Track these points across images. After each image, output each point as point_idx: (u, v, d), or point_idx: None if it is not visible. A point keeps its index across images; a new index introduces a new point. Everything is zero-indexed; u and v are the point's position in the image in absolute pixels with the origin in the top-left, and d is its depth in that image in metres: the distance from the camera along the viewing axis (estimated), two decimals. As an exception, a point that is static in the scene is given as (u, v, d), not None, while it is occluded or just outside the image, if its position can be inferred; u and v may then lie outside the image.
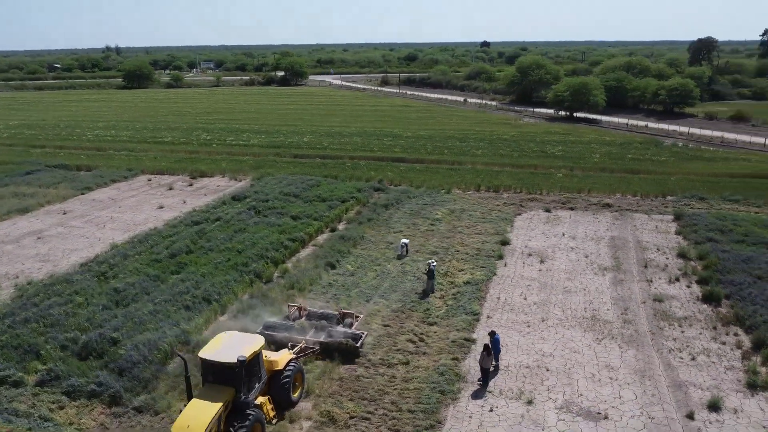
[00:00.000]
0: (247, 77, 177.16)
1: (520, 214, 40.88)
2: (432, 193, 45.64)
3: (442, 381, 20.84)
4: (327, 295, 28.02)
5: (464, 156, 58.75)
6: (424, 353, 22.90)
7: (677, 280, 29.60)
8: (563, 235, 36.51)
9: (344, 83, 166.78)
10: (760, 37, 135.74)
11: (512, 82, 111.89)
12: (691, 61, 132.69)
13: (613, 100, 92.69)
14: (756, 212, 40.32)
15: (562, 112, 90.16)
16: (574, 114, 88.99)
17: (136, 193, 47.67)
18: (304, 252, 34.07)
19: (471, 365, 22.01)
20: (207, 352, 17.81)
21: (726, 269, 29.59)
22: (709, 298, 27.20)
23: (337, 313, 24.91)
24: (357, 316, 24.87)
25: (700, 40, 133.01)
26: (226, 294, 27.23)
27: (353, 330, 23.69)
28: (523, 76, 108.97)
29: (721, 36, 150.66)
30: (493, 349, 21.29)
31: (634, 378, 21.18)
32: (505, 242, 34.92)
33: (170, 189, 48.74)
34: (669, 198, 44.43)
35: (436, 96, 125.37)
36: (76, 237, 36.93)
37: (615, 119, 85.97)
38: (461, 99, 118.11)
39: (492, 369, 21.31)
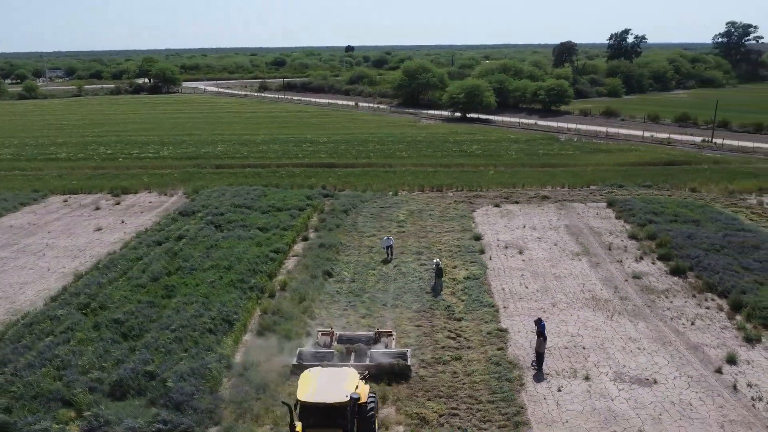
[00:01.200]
0: (112, 86, 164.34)
1: (474, 210, 43.11)
2: (382, 196, 46.47)
3: (501, 370, 21.91)
4: (340, 304, 27.80)
5: (391, 158, 60.19)
6: (469, 347, 23.79)
7: (641, 258, 33.34)
8: (524, 227, 39.24)
9: (221, 90, 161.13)
10: (608, 41, 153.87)
11: (400, 86, 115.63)
12: (555, 63, 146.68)
13: (497, 100, 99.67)
14: (669, 195, 46.23)
15: (457, 113, 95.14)
16: (467, 114, 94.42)
17: (58, 215, 43.04)
18: (290, 263, 33.32)
19: (515, 353, 23.32)
20: (307, 395, 16.41)
21: (678, 245, 33.87)
22: (677, 271, 31.04)
23: (372, 334, 23.71)
24: (390, 334, 23.85)
25: (562, 44, 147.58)
26: (242, 312, 26.03)
27: (396, 349, 22.82)
28: (411, 79, 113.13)
29: (577, 39, 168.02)
30: (538, 329, 22.93)
31: (656, 346, 23.79)
32: (477, 237, 36.79)
33: (97, 209, 44.64)
34: (592, 187, 49.32)
35: (325, 101, 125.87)
36: (17, 269, 32.74)
37: (505, 118, 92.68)
38: (352, 103, 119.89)
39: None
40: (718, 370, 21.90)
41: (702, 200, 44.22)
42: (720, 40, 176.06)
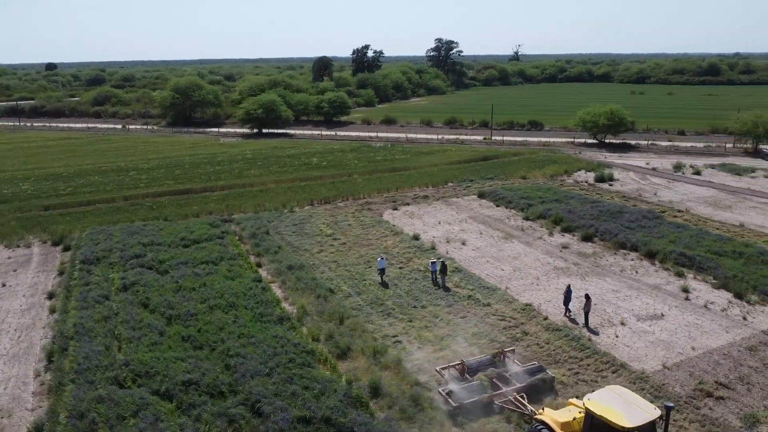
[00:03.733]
0: None
1: (381, 215, 45.96)
2: (280, 214, 45.85)
3: (565, 333, 26.12)
4: (377, 316, 28.41)
5: (243, 178, 58.52)
6: (522, 323, 27.36)
7: (552, 234, 40.83)
8: (439, 223, 43.70)
9: None
10: (351, 56, 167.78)
11: (173, 104, 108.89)
12: (315, 77, 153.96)
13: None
14: (513, 183, 55.76)
15: (255, 129, 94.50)
16: (263, 130, 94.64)
17: None
18: (276, 290, 31.84)
19: (557, 319, 27.74)
20: (626, 420, 15.42)
21: (569, 219, 42.30)
22: (587, 238, 39.14)
23: (491, 357, 23.43)
24: (504, 352, 23.64)
25: (320, 59, 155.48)
26: (305, 343, 24.96)
27: (527, 365, 22.88)
28: (184, 97, 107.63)
29: (324, 53, 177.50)
30: (565, 297, 27.88)
31: (634, 292, 30.72)
32: (416, 237, 39.96)
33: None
34: (450, 184, 56.34)
35: (82, 125, 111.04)
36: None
37: (304, 131, 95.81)
38: (119, 126, 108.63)
39: (569, 314, 27.83)
40: (687, 298, 29.74)
41: (540, 184, 54.68)
42: (432, 54, 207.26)
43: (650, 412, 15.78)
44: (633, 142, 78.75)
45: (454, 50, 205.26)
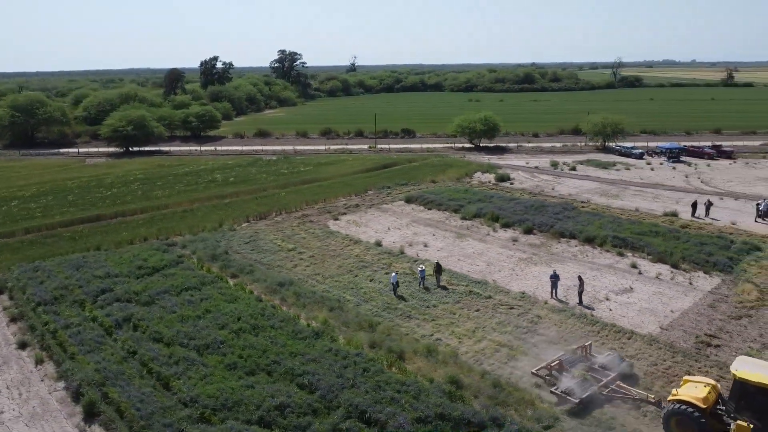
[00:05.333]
0: None
1: (327, 226, 46.40)
2: (223, 234, 44.05)
3: (567, 312, 29.72)
4: (399, 319, 29.53)
5: (156, 200, 54.63)
6: (530, 309, 30.40)
7: (496, 230, 44.77)
8: (389, 228, 45.46)
9: None
10: (199, 67, 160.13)
11: (12, 123, 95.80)
12: (167, 90, 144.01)
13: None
14: (428, 187, 59.28)
15: (122, 148, 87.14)
16: (130, 148, 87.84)
17: None
18: (281, 309, 31.26)
19: (554, 302, 31.32)
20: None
21: (504, 216, 46.61)
22: (529, 231, 43.66)
23: (576, 351, 24.84)
24: (586, 346, 25.19)
25: (172, 71, 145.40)
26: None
27: (607, 355, 24.58)
28: (27, 116, 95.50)
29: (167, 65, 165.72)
30: (552, 281, 31.70)
31: (596, 272, 35.51)
32: (379, 243, 41.36)
33: None
34: (370, 192, 58.22)
35: None
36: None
37: (175, 147, 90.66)
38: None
39: (556, 297, 31.66)
40: (639, 273, 35.23)
41: (453, 187, 58.88)
42: (276, 65, 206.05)
43: None
44: (504, 145, 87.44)
45: (298, 61, 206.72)
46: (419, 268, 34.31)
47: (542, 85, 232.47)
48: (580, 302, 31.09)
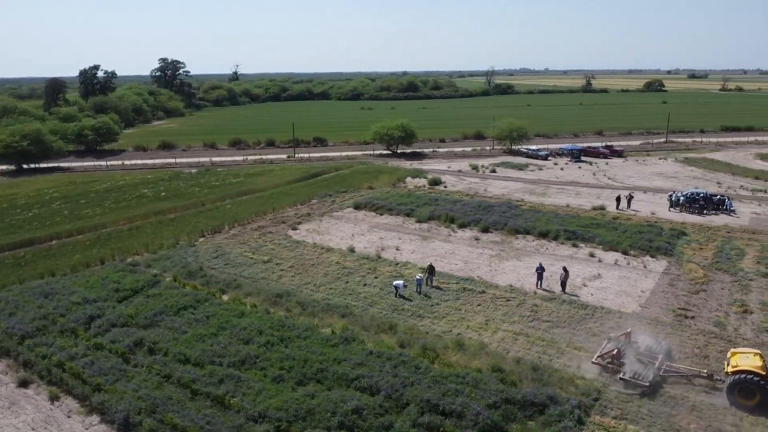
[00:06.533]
0: None
1: (290, 236, 46.15)
2: (185, 251, 42.32)
3: (556, 300, 32.73)
4: (425, 319, 30.71)
5: (90, 219, 50.75)
6: (524, 300, 32.97)
7: (454, 230, 47.24)
8: (353, 236, 46.22)
9: None
10: (78, 77, 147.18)
11: None
12: (48, 102, 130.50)
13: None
14: (367, 193, 60.59)
15: (13, 165, 78.97)
16: (23, 165, 79.98)
17: None
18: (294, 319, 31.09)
19: (542, 291, 34.19)
20: None
21: (458, 217, 49.25)
22: (485, 230, 46.61)
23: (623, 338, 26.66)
24: (629, 332, 27.06)
25: (53, 81, 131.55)
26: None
27: (647, 338, 26.98)
28: None
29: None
30: (538, 273, 34.67)
31: (565, 262, 39.03)
32: (352, 250, 42.11)
33: None
34: (314, 201, 58.39)
35: None
36: None
37: (77, 164, 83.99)
38: None
39: (539, 288, 34.66)
40: (599, 260, 39.32)
41: (392, 192, 60.72)
42: (157, 74, 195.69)
43: None
44: (419, 150, 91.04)
45: (181, 70, 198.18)
46: (417, 276, 35.24)
47: (426, 93, 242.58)
48: (564, 290, 34.23)
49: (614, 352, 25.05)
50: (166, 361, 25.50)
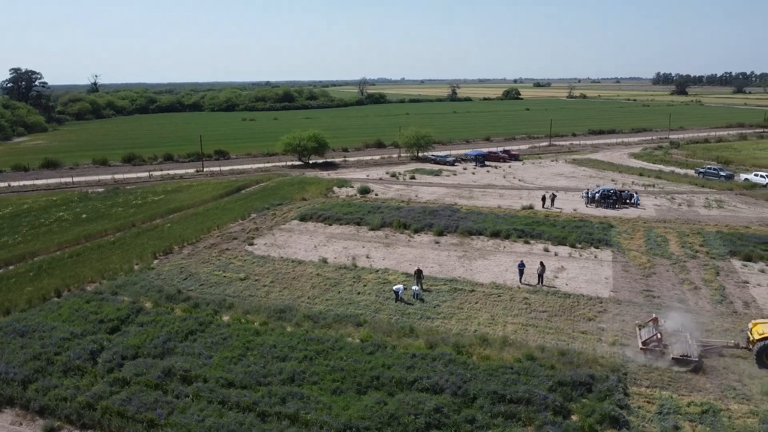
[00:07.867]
0: None
1: (252, 252, 45.09)
2: (147, 274, 39.82)
3: (537, 292, 35.93)
4: (435, 320, 31.99)
5: (14, 248, 45.47)
6: (504, 293, 35.67)
7: (412, 236, 49.02)
8: (315, 247, 46.30)
9: None
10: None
11: None
12: None
13: None
14: (304, 205, 60.49)
15: None
16: None
17: None
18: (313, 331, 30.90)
19: (523, 284, 37.18)
20: None
21: (410, 222, 51.15)
22: (441, 233, 48.93)
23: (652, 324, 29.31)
24: (656, 317, 29.80)
25: None
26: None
27: (670, 320, 29.93)
28: None
29: None
30: (520, 269, 37.79)
31: (527, 258, 42.44)
32: (325, 261, 42.29)
33: None
34: (253, 215, 57.07)
35: None
36: None
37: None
38: None
39: (522, 283, 37.79)
40: (556, 254, 43.36)
41: (327, 202, 61.15)
42: (9, 85, 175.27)
43: None
44: (331, 160, 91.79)
45: (37, 81, 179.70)
46: (409, 286, 36.47)
47: (302, 103, 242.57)
48: (541, 282, 37.50)
49: (658, 335, 27.65)
50: (211, 388, 24.46)
